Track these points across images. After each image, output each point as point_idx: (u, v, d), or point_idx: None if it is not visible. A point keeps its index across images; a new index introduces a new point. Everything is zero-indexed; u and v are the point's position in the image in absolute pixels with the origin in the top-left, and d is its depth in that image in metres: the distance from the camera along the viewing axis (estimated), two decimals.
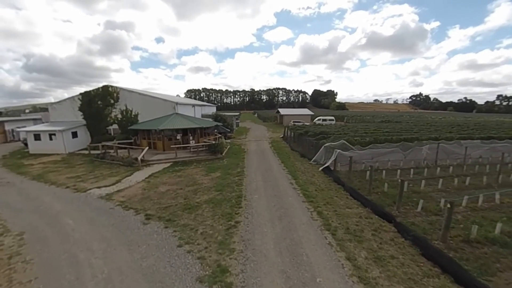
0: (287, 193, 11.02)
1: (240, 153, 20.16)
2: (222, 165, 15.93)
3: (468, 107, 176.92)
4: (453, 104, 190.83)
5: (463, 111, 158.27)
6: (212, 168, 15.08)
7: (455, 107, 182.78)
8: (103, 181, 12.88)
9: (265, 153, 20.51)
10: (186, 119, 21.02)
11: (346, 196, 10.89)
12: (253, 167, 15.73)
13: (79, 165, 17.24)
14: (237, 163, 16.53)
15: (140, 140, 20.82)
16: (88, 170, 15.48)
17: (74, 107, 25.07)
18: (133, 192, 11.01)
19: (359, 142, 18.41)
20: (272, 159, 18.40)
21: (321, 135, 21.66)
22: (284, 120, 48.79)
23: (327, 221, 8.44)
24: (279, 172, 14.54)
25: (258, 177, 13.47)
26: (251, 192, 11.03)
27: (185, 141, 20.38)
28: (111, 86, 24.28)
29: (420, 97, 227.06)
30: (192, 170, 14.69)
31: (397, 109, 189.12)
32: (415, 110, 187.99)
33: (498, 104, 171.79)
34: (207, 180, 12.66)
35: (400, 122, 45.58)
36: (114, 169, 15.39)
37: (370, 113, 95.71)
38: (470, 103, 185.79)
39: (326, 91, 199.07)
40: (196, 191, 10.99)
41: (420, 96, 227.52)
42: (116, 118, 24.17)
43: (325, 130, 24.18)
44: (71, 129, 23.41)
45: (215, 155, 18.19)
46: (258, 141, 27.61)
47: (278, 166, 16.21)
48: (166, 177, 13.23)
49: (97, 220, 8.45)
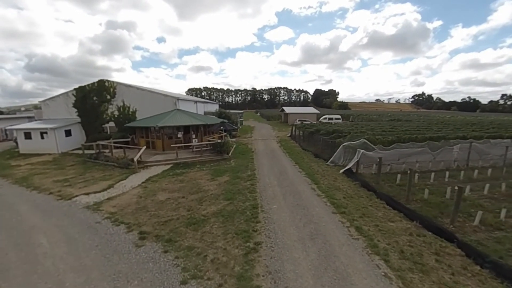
0: (311, 201, 9.18)
1: (248, 153, 18.32)
2: (229, 167, 14.09)
3: (471, 106, 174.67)
4: (457, 103, 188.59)
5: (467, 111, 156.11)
6: (218, 171, 13.24)
7: (458, 106, 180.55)
8: (93, 186, 11.07)
9: (275, 153, 18.66)
10: (188, 116, 19.19)
11: (383, 206, 9.06)
12: (265, 169, 13.88)
13: (70, 166, 15.43)
14: (246, 165, 14.69)
15: (138, 139, 19.02)
16: (78, 173, 13.67)
17: (68, 103, 23.28)
18: (127, 201, 9.18)
19: (381, 141, 16.55)
20: (284, 160, 16.55)
21: (335, 134, 19.78)
22: (289, 118, 46.93)
23: (371, 240, 6.60)
24: (295, 175, 12.70)
25: (273, 181, 11.63)
26: (268, 200, 9.18)
27: (187, 140, 18.55)
28: (107, 81, 22.46)
29: (422, 96, 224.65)
30: (196, 174, 12.85)
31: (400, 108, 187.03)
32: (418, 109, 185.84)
33: (503, 104, 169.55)
34: (213, 186, 10.82)
35: (410, 120, 43.70)
36: (108, 172, 13.57)
37: (374, 112, 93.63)
38: (473, 102, 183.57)
39: (328, 90, 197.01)
40: (202, 200, 9.15)
41: (422, 96, 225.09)
42: (113, 115, 22.39)
43: (338, 128, 22.31)
44: (64, 127, 21.62)
45: (221, 155, 16.36)
46: (265, 140, 25.78)
47: (293, 168, 14.37)
48: (166, 182, 11.39)
49: (78, 239, 6.62)
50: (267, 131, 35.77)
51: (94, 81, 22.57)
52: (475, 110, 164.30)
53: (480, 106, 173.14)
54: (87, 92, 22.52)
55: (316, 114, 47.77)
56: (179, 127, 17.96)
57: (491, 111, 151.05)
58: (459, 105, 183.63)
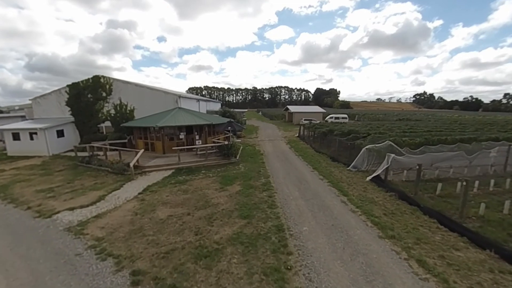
0: (347, 220, 7.42)
1: (257, 156, 16.55)
2: (239, 173, 12.32)
3: (473, 105, 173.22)
4: (458, 102, 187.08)
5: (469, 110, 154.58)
6: (227, 178, 11.46)
7: (460, 105, 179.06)
8: (80, 198, 9.29)
9: (287, 156, 16.89)
10: (191, 115, 17.40)
11: (436, 226, 7.32)
12: (280, 175, 12.11)
13: (58, 172, 13.65)
14: (257, 170, 12.92)
15: (136, 140, 17.24)
16: (67, 179, 11.89)
17: (60, 101, 21.49)
18: (119, 219, 7.41)
19: (408, 143, 14.80)
20: (299, 164, 14.78)
21: (352, 135, 18.02)
22: (294, 118, 45.16)
23: (445, 282, 4.86)
24: (317, 184, 10.94)
25: (293, 191, 9.86)
26: (294, 219, 7.42)
27: (190, 142, 16.79)
28: (103, 77, 20.66)
29: (424, 95, 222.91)
30: (201, 181, 11.07)
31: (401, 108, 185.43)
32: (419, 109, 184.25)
33: (505, 103, 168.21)
34: (224, 198, 9.05)
35: (420, 120, 42.03)
36: (100, 178, 11.80)
37: (377, 112, 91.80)
38: (476, 101, 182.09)
39: (329, 89, 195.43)
40: (212, 218, 7.38)
41: (424, 95, 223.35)
42: (109, 114, 20.60)
43: (353, 129, 20.53)
44: (56, 127, 19.84)
45: (228, 159, 14.60)
46: (272, 141, 24.03)
47: (311, 174, 12.61)
48: (167, 193, 9.61)
49: (47, 283, 4.85)
50: (273, 131, 34.00)
51: (88, 77, 20.77)
52: (477, 109, 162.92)
53: (482, 105, 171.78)
54: (81, 89, 20.72)
55: (322, 113, 45.98)
56: (181, 127, 16.19)
57: (494, 110, 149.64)
58: (461, 104, 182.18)
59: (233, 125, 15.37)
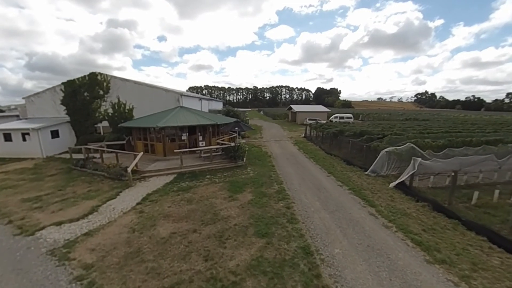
0: (383, 239, 6.27)
1: (265, 158, 15.40)
2: (248, 179, 11.16)
3: (476, 105, 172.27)
4: (460, 102, 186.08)
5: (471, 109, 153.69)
6: (235, 184, 10.31)
7: (462, 105, 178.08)
8: (71, 210, 8.14)
9: (297, 159, 15.74)
10: (194, 114, 16.24)
11: (488, 246, 6.18)
12: (294, 181, 10.97)
13: (50, 176, 12.50)
14: (268, 175, 11.77)
15: (135, 141, 16.08)
16: (58, 186, 10.74)
17: (55, 100, 20.32)
18: (113, 238, 6.27)
19: (430, 145, 13.65)
20: (312, 167, 13.64)
21: (366, 136, 16.86)
22: (298, 117, 44.00)
23: None
24: (337, 191, 9.78)
25: (313, 201, 8.71)
26: (322, 238, 6.27)
27: (193, 143, 15.65)
28: (100, 74, 19.48)
29: (425, 95, 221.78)
30: (207, 188, 9.90)
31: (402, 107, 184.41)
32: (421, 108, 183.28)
33: (508, 102, 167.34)
34: (235, 210, 7.90)
35: (428, 120, 40.85)
36: (95, 185, 10.64)
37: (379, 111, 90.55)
38: (478, 101, 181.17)
39: (330, 89, 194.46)
40: (223, 237, 6.23)
41: (425, 94, 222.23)
42: (107, 113, 19.44)
43: (366, 129, 19.37)
44: (50, 127, 18.69)
45: (235, 162, 13.44)
46: (279, 142, 22.87)
47: (328, 179, 11.46)
48: (169, 203, 8.45)
49: None
50: (277, 130, 32.84)
51: (85, 74, 19.60)
52: (479, 108, 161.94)
53: (484, 105, 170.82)
54: (77, 86, 19.54)
55: (327, 113, 44.80)
56: (184, 128, 15.03)
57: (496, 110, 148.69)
58: (463, 103, 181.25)
59: (241, 126, 14.20)
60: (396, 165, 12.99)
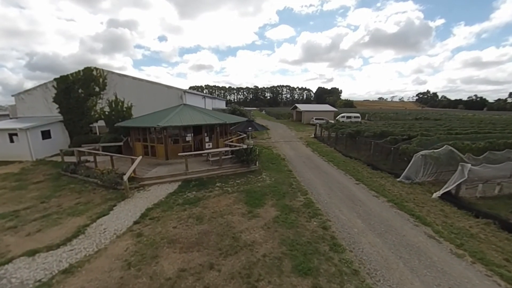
0: (464, 275, 4.63)
1: (278, 162, 13.76)
2: (266, 187, 9.51)
3: (478, 104, 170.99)
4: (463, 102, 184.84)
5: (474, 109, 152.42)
6: (253, 195, 8.65)
7: (465, 104, 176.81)
8: (51, 230, 6.48)
9: (315, 162, 14.10)
10: (199, 112, 14.58)
11: None
12: (320, 191, 9.32)
13: (35, 184, 10.84)
14: (288, 182, 10.13)
15: (133, 143, 14.42)
16: (42, 196, 9.08)
17: (47, 97, 18.68)
18: (102, 278, 4.60)
19: (470, 148, 12.03)
20: (335, 173, 11.99)
21: (390, 137, 15.23)
22: (304, 117, 42.35)
23: None
24: (376, 204, 8.13)
25: (352, 219, 7.05)
26: (385, 277, 4.61)
27: (198, 145, 14.00)
28: (96, 69, 17.82)
29: (427, 94, 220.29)
30: (220, 200, 8.24)
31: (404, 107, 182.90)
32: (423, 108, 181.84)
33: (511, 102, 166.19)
34: (259, 231, 6.24)
35: (439, 119, 39.21)
36: (85, 195, 8.98)
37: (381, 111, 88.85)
38: (480, 100, 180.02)
39: (331, 88, 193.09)
40: (252, 277, 4.57)
41: (427, 94, 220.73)
42: (103, 111, 17.80)
43: (387, 130, 17.72)
44: (40, 127, 17.02)
45: (247, 166, 11.79)
46: (289, 143, 21.23)
47: (359, 188, 9.81)
48: (174, 221, 6.77)
49: None
50: (284, 131, 31.19)
51: (79, 69, 17.94)
52: (482, 108, 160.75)
53: (487, 104, 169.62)
54: (70, 83, 17.87)
55: (334, 112, 43.15)
56: (188, 128, 13.37)
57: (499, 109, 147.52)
58: (465, 103, 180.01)
59: (254, 125, 12.55)
60: (432, 171, 11.38)
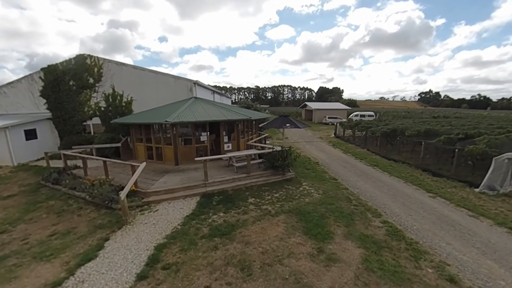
0: None
1: (313, 167, 11.17)
2: (318, 204, 6.84)
3: (481, 104, 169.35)
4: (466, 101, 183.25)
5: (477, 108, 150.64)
6: (307, 218, 5.98)
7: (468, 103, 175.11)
8: None
9: (357, 167, 11.46)
10: (215, 106, 11.94)
11: None
12: (393, 208, 6.68)
13: (4, 199, 8.15)
14: (343, 196, 7.50)
15: (134, 144, 11.74)
16: (5, 222, 6.37)
17: (33, 91, 16.06)
18: None
19: None
20: (392, 181, 9.33)
21: (444, 136, 12.60)
22: (316, 116, 39.73)
23: None
24: (485, 230, 5.48)
25: (477, 258, 4.42)
26: None
27: (212, 146, 11.36)
28: (90, 56, 15.15)
29: (429, 94, 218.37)
30: (265, 229, 5.54)
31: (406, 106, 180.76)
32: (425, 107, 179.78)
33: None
34: None
35: (460, 117, 36.90)
36: (67, 219, 6.31)
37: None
38: (484, 100, 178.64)
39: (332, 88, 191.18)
40: None
41: (429, 93, 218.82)
42: (98, 107, 15.03)
43: (431, 128, 15.09)
44: (23, 126, 14.37)
45: (282, 174, 9.15)
46: (311, 143, 18.62)
47: (439, 203, 7.15)
48: (205, 274, 4.03)
49: None
50: (298, 130, 28.53)
51: (70, 57, 15.25)
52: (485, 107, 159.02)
53: (491, 104, 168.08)
54: (60, 73, 15.06)
55: (346, 111, 40.54)
56: (203, 125, 10.73)
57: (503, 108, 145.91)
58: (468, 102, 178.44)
59: (293, 121, 9.89)
60: None
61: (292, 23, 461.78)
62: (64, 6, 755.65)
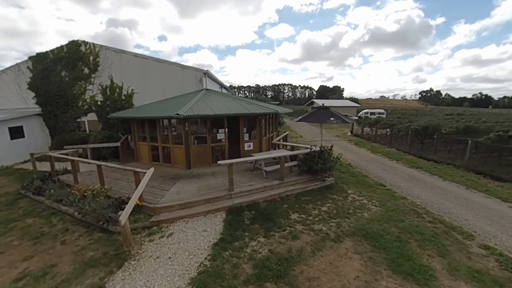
0: None
1: (350, 170, 9.46)
2: (383, 221, 5.12)
3: (483, 102, 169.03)
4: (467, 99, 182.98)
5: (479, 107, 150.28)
6: (385, 244, 4.27)
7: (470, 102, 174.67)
8: None
9: (400, 170, 9.76)
10: (232, 99, 10.19)
11: None
12: (483, 226, 5.04)
13: None
14: (407, 208, 5.80)
15: (135, 143, 9.93)
16: None
17: (21, 83, 14.23)
18: None
19: None
20: (453, 188, 7.63)
21: (493, 134, 10.93)
22: None
23: None
24: None
25: None
26: None
27: (232, 145, 9.60)
28: (85, 43, 13.30)
29: (430, 92, 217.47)
30: (337, 267, 3.82)
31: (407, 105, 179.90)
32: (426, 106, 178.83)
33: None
34: None
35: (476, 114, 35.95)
36: (45, 248, 4.55)
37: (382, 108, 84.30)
38: (485, 98, 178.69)
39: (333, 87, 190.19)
40: None
41: (430, 92, 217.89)
42: (94, 101, 13.15)
43: (472, 125, 13.46)
44: (7, 123, 12.53)
45: (321, 179, 7.42)
46: (331, 142, 16.87)
47: None
48: None
49: None
50: (310, 128, 26.83)
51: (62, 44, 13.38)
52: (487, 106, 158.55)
53: (492, 102, 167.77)
54: (50, 62, 13.22)
55: (356, 108, 38.93)
56: (220, 121, 8.94)
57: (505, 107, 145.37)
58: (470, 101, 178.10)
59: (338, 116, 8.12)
60: None
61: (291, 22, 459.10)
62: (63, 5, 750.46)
